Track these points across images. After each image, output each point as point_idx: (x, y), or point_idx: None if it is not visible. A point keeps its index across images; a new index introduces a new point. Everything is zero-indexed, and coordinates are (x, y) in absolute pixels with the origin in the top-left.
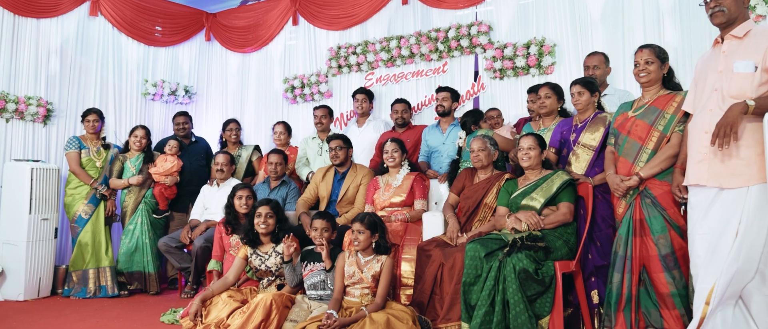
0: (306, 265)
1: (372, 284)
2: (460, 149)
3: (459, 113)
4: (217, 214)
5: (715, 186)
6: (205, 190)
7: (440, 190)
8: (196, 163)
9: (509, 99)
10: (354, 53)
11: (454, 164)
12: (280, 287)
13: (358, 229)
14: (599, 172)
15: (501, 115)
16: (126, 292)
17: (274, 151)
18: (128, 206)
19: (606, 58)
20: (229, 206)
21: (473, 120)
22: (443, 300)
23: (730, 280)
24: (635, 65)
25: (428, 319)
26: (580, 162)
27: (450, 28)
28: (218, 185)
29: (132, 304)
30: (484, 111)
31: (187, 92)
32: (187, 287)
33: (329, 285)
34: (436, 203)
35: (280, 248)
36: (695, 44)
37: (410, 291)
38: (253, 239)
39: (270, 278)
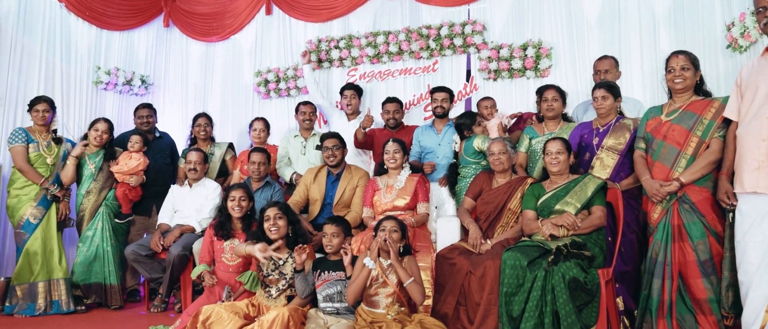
0: (319, 274)
1: (397, 289)
2: (456, 153)
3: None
4: (190, 217)
5: None
6: (175, 191)
7: (441, 194)
8: (160, 161)
9: (503, 101)
10: (337, 48)
11: (453, 168)
12: (289, 298)
13: (392, 228)
14: (624, 177)
15: (495, 105)
16: (83, 307)
17: (256, 149)
18: (86, 209)
19: (616, 63)
20: (222, 209)
21: (468, 124)
22: (472, 310)
23: None
24: (670, 71)
25: None
26: (605, 167)
27: (442, 26)
28: (190, 185)
29: (94, 322)
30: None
31: (143, 82)
32: (156, 299)
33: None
34: (436, 208)
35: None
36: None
37: (428, 302)
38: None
39: (281, 286)
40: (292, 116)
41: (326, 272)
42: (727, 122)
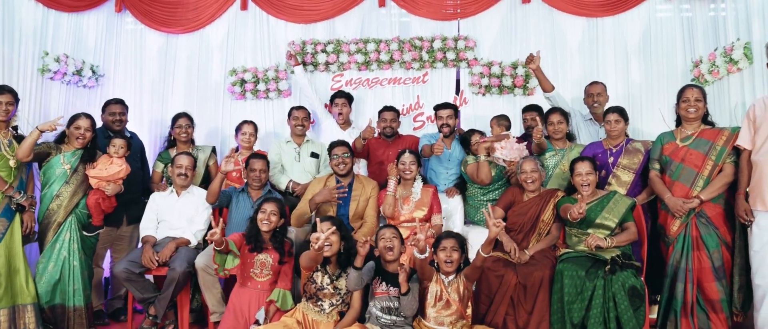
0: (380, 282)
1: (460, 306)
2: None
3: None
4: (181, 229)
5: None
6: (158, 199)
7: (448, 205)
8: (133, 165)
9: (490, 115)
10: (324, 51)
11: (462, 181)
12: (341, 314)
13: (452, 246)
14: (637, 193)
15: (505, 126)
16: None
17: (255, 155)
18: (53, 215)
19: (605, 87)
20: (253, 219)
21: (467, 141)
22: (520, 318)
23: None
24: (685, 100)
25: None
26: (622, 183)
27: (435, 39)
28: (178, 193)
29: None
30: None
31: (94, 72)
32: (146, 322)
33: (402, 314)
34: (444, 218)
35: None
36: (655, 82)
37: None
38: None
39: (334, 301)
40: (268, 119)
41: (385, 284)
42: (736, 149)
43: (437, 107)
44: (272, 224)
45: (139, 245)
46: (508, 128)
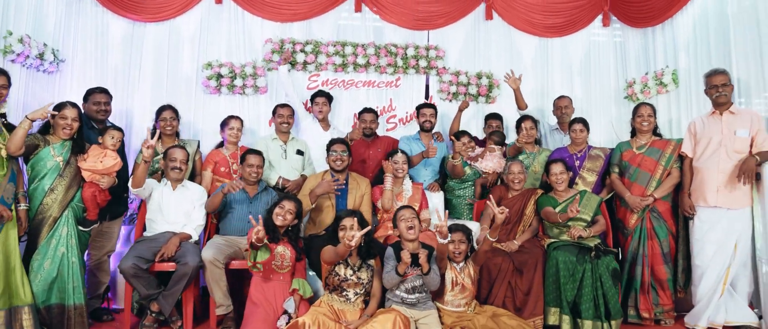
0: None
1: (473, 288)
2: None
3: (409, 128)
4: (179, 223)
5: (726, 207)
6: (153, 186)
7: (432, 200)
8: None
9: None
10: (303, 51)
11: (444, 179)
12: (365, 303)
13: (459, 239)
14: (599, 192)
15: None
16: None
17: (251, 151)
18: (49, 210)
19: (571, 100)
20: (269, 211)
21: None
22: (518, 299)
23: (738, 265)
24: (640, 116)
25: None
26: (588, 184)
27: (408, 47)
28: (173, 187)
29: None
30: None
31: (55, 57)
32: (147, 319)
33: (427, 289)
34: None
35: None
36: (594, 98)
37: None
38: None
39: (359, 291)
40: (243, 115)
41: (410, 267)
42: (681, 156)
43: (420, 106)
44: (286, 222)
45: (117, 242)
46: (498, 143)
